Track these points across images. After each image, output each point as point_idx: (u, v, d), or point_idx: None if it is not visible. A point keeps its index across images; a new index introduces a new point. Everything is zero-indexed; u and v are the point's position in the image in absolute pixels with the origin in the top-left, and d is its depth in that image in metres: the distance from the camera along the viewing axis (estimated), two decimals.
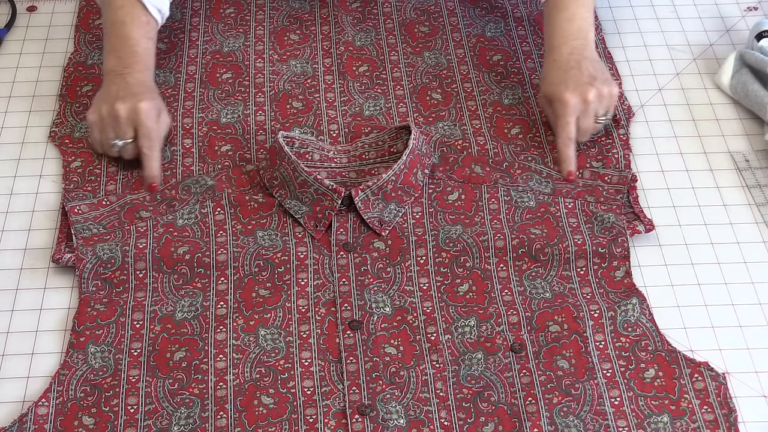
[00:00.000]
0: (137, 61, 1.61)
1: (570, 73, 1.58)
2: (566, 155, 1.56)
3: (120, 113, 1.54)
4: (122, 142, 1.55)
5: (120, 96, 1.56)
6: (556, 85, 1.58)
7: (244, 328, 1.39)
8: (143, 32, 1.62)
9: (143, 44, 1.62)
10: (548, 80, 1.61)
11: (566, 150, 1.56)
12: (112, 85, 1.58)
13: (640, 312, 1.39)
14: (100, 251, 1.45)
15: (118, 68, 1.60)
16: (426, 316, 1.40)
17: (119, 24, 1.61)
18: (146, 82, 1.60)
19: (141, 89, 1.57)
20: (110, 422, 1.30)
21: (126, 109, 1.55)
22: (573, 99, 1.56)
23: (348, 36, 1.80)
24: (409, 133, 1.54)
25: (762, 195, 1.55)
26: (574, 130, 1.57)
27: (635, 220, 1.50)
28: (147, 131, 1.55)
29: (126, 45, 1.61)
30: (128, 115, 1.55)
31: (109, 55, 1.62)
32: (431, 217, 1.50)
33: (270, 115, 1.66)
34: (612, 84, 1.59)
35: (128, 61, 1.60)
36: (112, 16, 1.62)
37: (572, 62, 1.59)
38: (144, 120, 1.54)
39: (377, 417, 1.30)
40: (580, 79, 1.57)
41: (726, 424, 1.29)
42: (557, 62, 1.60)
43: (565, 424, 1.29)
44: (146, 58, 1.62)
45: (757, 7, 1.87)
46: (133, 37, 1.61)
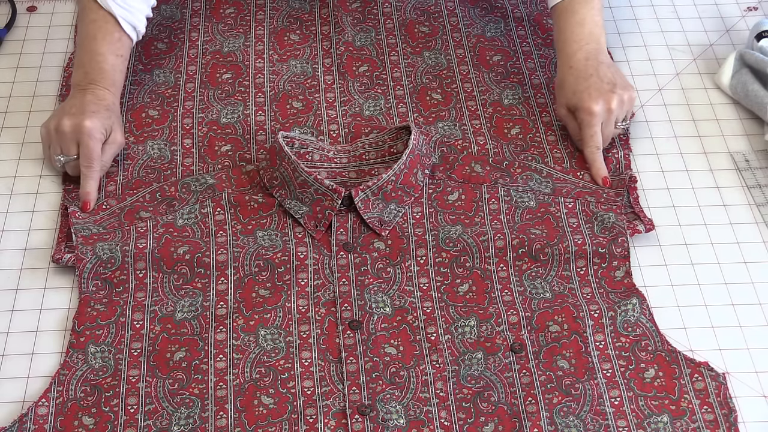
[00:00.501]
0: (102, 78, 1.59)
1: (590, 81, 1.58)
2: (598, 163, 1.56)
3: (65, 129, 1.53)
4: (65, 158, 1.54)
5: (71, 112, 1.55)
6: (579, 93, 1.57)
7: (244, 328, 1.39)
8: (113, 48, 1.61)
9: (111, 60, 1.60)
10: (568, 89, 1.59)
11: (596, 158, 1.56)
12: (72, 99, 1.58)
13: (640, 312, 1.39)
14: (100, 251, 1.45)
15: (83, 83, 1.59)
16: (426, 316, 1.40)
17: (90, 38, 1.60)
18: (104, 99, 1.58)
19: (94, 107, 1.56)
20: (110, 422, 1.30)
21: (71, 126, 1.53)
22: (597, 108, 1.55)
23: (348, 36, 1.80)
24: (409, 134, 1.54)
25: (762, 195, 1.55)
26: (600, 138, 1.57)
27: (635, 220, 1.50)
28: (87, 151, 1.53)
29: (93, 60, 1.60)
30: (72, 132, 1.53)
31: (76, 69, 1.61)
32: (431, 217, 1.50)
33: (270, 115, 1.66)
34: (631, 88, 1.59)
35: (93, 76, 1.59)
36: (84, 29, 1.61)
37: (590, 69, 1.59)
38: (86, 139, 1.53)
39: (377, 417, 1.30)
40: (601, 87, 1.57)
41: (726, 424, 1.29)
42: (574, 69, 1.60)
43: (565, 424, 1.29)
44: (113, 74, 1.60)
45: (757, 7, 1.87)
46: (101, 53, 1.60)
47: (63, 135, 1.53)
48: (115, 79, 1.61)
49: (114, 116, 1.58)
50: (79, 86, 1.59)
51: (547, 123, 1.64)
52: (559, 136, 1.62)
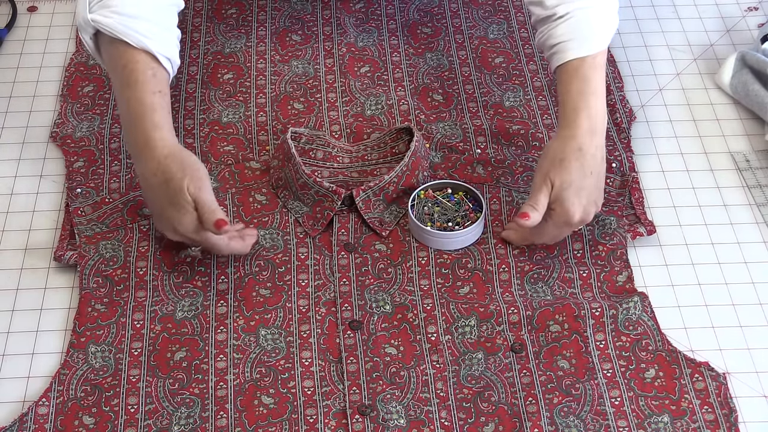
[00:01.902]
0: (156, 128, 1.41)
1: (587, 181, 1.42)
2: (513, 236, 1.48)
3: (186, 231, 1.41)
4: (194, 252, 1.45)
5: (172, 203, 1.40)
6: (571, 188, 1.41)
7: (244, 328, 1.39)
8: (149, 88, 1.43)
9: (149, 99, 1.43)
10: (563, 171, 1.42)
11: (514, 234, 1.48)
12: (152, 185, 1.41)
13: (642, 310, 1.39)
14: (103, 249, 1.46)
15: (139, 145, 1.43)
16: (426, 314, 1.40)
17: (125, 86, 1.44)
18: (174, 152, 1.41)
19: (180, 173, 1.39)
20: (110, 422, 1.30)
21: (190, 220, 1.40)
22: (578, 215, 1.42)
23: (350, 37, 1.80)
24: (410, 134, 1.54)
25: (762, 195, 1.55)
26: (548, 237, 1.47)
27: (636, 223, 1.50)
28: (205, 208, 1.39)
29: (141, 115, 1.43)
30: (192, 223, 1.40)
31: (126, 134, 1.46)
32: None
33: (271, 115, 1.67)
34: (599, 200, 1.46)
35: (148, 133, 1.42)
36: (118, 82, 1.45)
37: (594, 167, 1.43)
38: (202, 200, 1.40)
39: (377, 417, 1.30)
40: (591, 196, 1.43)
41: (726, 424, 1.29)
42: (581, 154, 1.42)
43: (565, 424, 1.29)
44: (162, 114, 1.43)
45: (757, 7, 1.87)
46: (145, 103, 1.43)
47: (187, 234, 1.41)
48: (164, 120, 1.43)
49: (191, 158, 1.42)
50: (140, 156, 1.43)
51: (548, 125, 1.64)
52: None
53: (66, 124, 1.66)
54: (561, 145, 1.43)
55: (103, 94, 1.70)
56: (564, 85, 1.46)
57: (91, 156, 1.61)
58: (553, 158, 1.42)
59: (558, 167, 1.41)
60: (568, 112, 1.44)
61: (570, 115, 1.44)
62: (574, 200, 1.41)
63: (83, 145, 1.62)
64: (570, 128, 1.43)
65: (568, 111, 1.44)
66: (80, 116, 1.67)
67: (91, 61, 1.76)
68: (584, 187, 1.41)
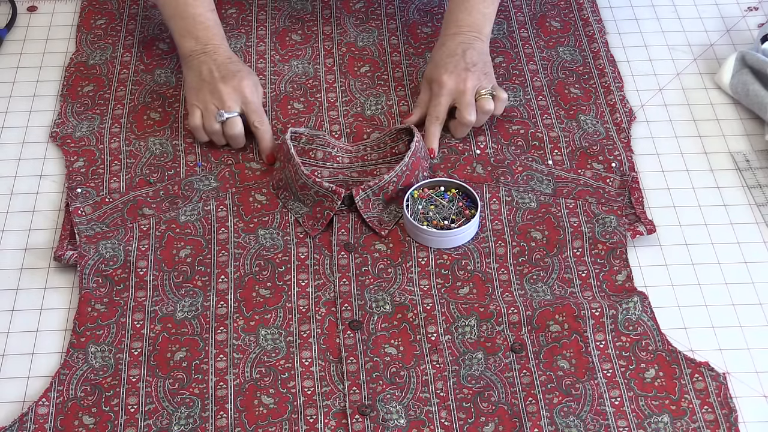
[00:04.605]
0: (213, 35, 1.64)
1: (453, 59, 1.61)
2: (430, 132, 1.59)
3: (224, 92, 1.57)
4: (228, 114, 1.57)
5: (218, 77, 1.59)
6: (438, 67, 1.62)
7: (244, 328, 1.39)
8: (206, 5, 1.65)
9: (212, 18, 1.65)
10: (432, 63, 1.64)
11: (430, 127, 1.59)
12: (203, 66, 1.61)
13: (642, 310, 1.39)
14: (103, 249, 1.46)
15: (199, 48, 1.62)
16: (426, 313, 1.40)
17: (182, 5, 1.64)
18: (232, 56, 1.64)
19: (235, 66, 1.61)
20: (110, 422, 1.30)
21: (230, 88, 1.58)
22: (448, 81, 1.58)
23: (350, 37, 1.80)
24: (410, 134, 1.54)
25: (762, 195, 1.55)
26: (444, 111, 1.59)
27: (636, 222, 1.50)
28: (254, 107, 1.59)
29: (197, 23, 1.63)
30: (233, 93, 1.58)
31: (183, 39, 1.64)
32: None
33: (271, 115, 1.67)
34: (492, 77, 1.62)
35: (206, 38, 1.63)
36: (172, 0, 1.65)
37: (458, 49, 1.62)
38: (250, 98, 1.58)
39: (377, 417, 1.30)
40: (459, 64, 1.60)
41: (726, 424, 1.29)
42: (444, 47, 1.64)
43: (565, 424, 1.29)
44: (219, 30, 1.66)
45: (757, 7, 1.87)
46: (200, 14, 1.64)
47: (224, 97, 1.58)
48: (222, 34, 1.67)
49: (251, 69, 1.65)
50: (197, 52, 1.63)
51: (548, 125, 1.64)
52: (560, 138, 1.62)
53: (66, 124, 1.66)
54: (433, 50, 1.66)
55: (103, 94, 1.70)
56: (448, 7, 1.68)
57: (91, 156, 1.61)
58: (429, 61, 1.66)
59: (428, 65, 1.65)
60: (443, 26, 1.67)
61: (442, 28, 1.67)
62: (441, 71, 1.60)
63: (83, 145, 1.62)
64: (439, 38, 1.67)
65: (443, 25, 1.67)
66: (80, 116, 1.67)
67: (91, 60, 1.76)
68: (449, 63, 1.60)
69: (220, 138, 1.59)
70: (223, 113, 1.57)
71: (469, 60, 1.60)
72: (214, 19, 1.65)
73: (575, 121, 1.65)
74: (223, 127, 1.58)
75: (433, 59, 1.64)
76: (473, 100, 1.58)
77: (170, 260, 1.46)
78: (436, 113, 1.59)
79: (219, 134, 1.59)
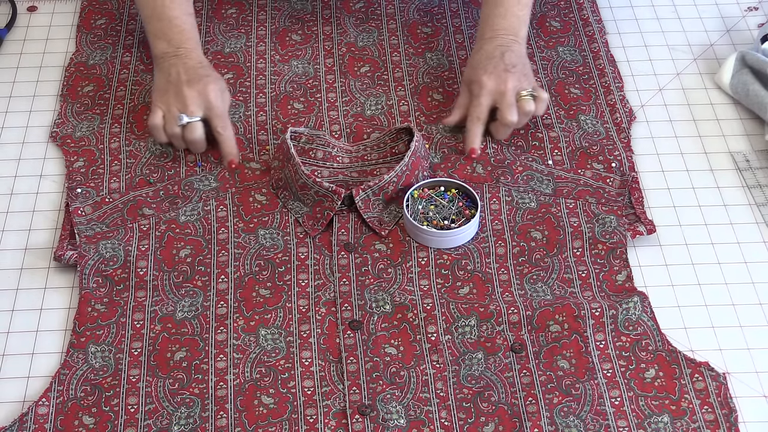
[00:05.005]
0: (187, 39, 1.63)
1: (492, 61, 1.61)
2: (471, 132, 1.59)
3: (188, 96, 1.56)
4: (188, 118, 1.56)
5: (184, 80, 1.58)
6: (477, 69, 1.61)
7: (244, 328, 1.39)
8: (184, 9, 1.64)
9: (188, 21, 1.64)
10: (470, 66, 1.64)
11: (472, 127, 1.59)
12: (172, 68, 1.60)
13: (642, 310, 1.39)
14: (103, 249, 1.46)
15: (171, 50, 1.62)
16: (426, 313, 1.40)
17: (160, 7, 1.63)
18: (203, 61, 1.62)
19: (203, 71, 1.60)
20: (110, 422, 1.30)
21: (195, 93, 1.56)
22: (489, 82, 1.58)
23: (350, 37, 1.80)
24: (410, 134, 1.54)
25: (762, 195, 1.55)
26: (485, 111, 1.59)
27: (636, 222, 1.50)
28: (218, 111, 1.57)
29: (172, 26, 1.63)
30: (197, 98, 1.56)
31: (157, 40, 1.64)
32: None
33: (271, 115, 1.67)
34: (531, 78, 1.61)
35: (179, 41, 1.62)
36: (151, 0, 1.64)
37: (497, 53, 1.61)
38: (215, 102, 1.57)
39: (377, 417, 1.30)
40: (498, 66, 1.60)
41: (726, 424, 1.29)
42: (482, 51, 1.63)
43: (565, 424, 1.29)
44: (194, 34, 1.65)
45: (757, 7, 1.87)
46: (176, 17, 1.63)
47: (188, 100, 1.56)
48: (197, 38, 1.65)
49: (219, 75, 1.63)
50: (168, 54, 1.62)
51: (549, 125, 1.64)
52: (560, 138, 1.62)
53: (66, 123, 1.66)
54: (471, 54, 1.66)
55: (103, 94, 1.70)
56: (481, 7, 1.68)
57: (91, 156, 1.61)
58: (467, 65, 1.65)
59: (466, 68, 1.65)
60: (478, 31, 1.67)
61: (478, 33, 1.67)
62: (480, 72, 1.60)
63: (83, 145, 1.62)
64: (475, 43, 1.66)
65: (479, 30, 1.67)
66: (80, 116, 1.67)
67: (91, 60, 1.76)
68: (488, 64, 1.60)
69: (180, 142, 1.58)
70: (184, 117, 1.56)
71: (508, 61, 1.60)
72: (190, 23, 1.65)
73: (575, 121, 1.65)
74: (183, 131, 1.57)
75: (471, 63, 1.63)
76: (514, 100, 1.58)
77: (170, 260, 1.46)
78: (477, 113, 1.59)
79: (178, 138, 1.58)
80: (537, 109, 1.59)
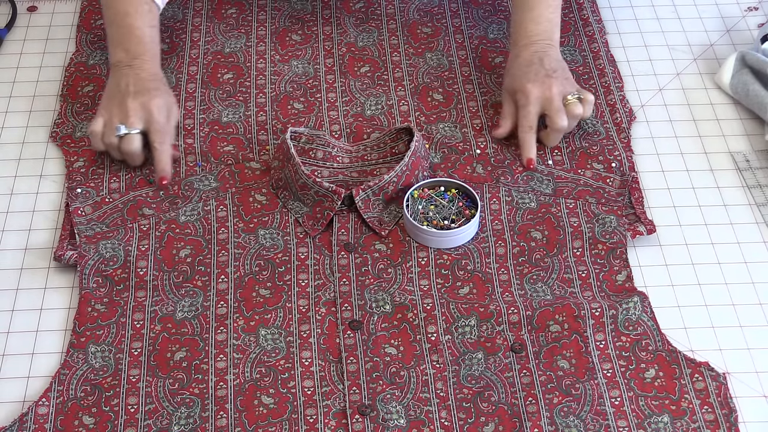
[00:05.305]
0: (145, 51, 1.61)
1: (532, 67, 1.60)
2: (526, 143, 1.58)
3: (131, 108, 1.55)
4: (126, 130, 1.54)
5: (132, 91, 1.56)
6: (518, 78, 1.60)
7: (244, 328, 1.39)
8: (147, 21, 1.63)
9: (148, 33, 1.63)
10: (510, 74, 1.63)
11: (526, 138, 1.58)
12: (123, 78, 1.59)
13: (642, 310, 1.39)
14: (103, 249, 1.46)
15: (126, 60, 1.60)
16: (426, 313, 1.40)
17: (122, 15, 1.62)
18: (157, 74, 1.61)
19: (153, 84, 1.58)
20: (110, 422, 1.30)
21: (138, 105, 1.55)
22: (534, 89, 1.57)
23: (350, 37, 1.80)
24: (410, 134, 1.54)
25: (762, 195, 1.55)
26: (535, 119, 1.58)
27: (636, 222, 1.50)
28: (159, 126, 1.55)
29: (132, 36, 1.61)
30: (140, 111, 1.55)
31: (115, 48, 1.62)
32: None
33: (271, 115, 1.67)
34: (573, 81, 1.61)
35: (136, 51, 1.61)
36: (114, 7, 1.63)
37: (535, 59, 1.61)
38: (156, 117, 1.55)
39: (377, 417, 1.30)
40: (540, 72, 1.59)
41: (726, 424, 1.29)
42: (520, 58, 1.63)
43: (565, 424, 1.29)
44: (153, 47, 1.63)
45: (757, 7, 1.87)
46: (138, 27, 1.61)
47: (130, 112, 1.54)
48: (155, 52, 1.64)
49: (170, 90, 1.61)
50: (122, 63, 1.60)
51: None
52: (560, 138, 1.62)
53: (66, 123, 1.66)
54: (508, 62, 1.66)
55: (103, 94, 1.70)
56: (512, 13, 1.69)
57: (91, 156, 1.61)
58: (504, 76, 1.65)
59: (505, 77, 1.65)
60: (512, 37, 1.67)
61: (512, 39, 1.67)
62: (523, 81, 1.59)
63: (83, 145, 1.62)
64: (511, 50, 1.66)
65: (512, 36, 1.67)
66: (80, 116, 1.67)
67: (91, 60, 1.76)
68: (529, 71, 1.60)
69: (116, 152, 1.57)
70: (122, 127, 1.54)
71: (548, 67, 1.60)
72: (150, 35, 1.63)
73: None
74: (120, 142, 1.55)
75: (510, 71, 1.63)
76: (562, 105, 1.57)
77: (170, 260, 1.46)
78: (528, 123, 1.58)
79: (114, 148, 1.56)
80: (585, 112, 1.59)
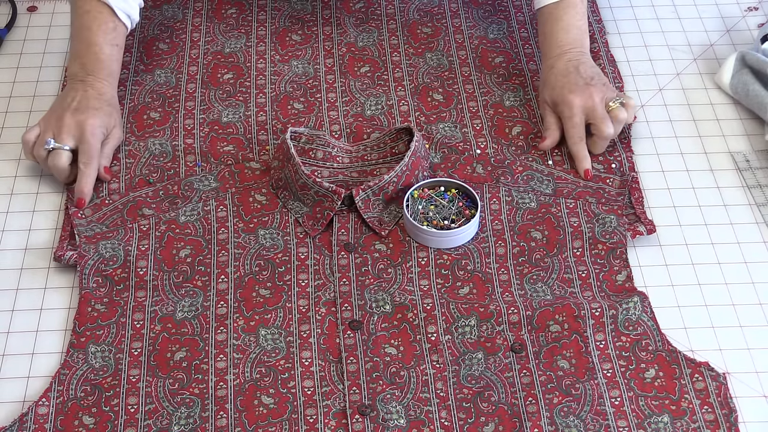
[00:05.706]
0: (100, 69, 1.60)
1: (569, 77, 1.60)
2: (580, 154, 1.57)
3: (68, 123, 1.54)
4: (54, 145, 1.53)
5: (73, 107, 1.56)
6: (558, 89, 1.59)
7: (244, 328, 1.39)
8: (108, 38, 1.61)
9: (107, 51, 1.61)
10: (549, 86, 1.62)
11: (578, 150, 1.57)
12: (71, 92, 1.58)
13: (642, 310, 1.39)
14: (103, 249, 1.46)
15: (80, 75, 1.60)
16: (426, 313, 1.40)
17: (84, 29, 1.61)
18: (104, 93, 1.59)
19: (97, 103, 1.57)
20: (110, 422, 1.30)
21: (74, 122, 1.54)
22: (577, 100, 1.57)
23: (350, 37, 1.80)
24: (410, 134, 1.54)
25: (762, 195, 1.55)
26: (583, 130, 1.57)
27: (636, 222, 1.50)
28: (88, 148, 1.53)
29: (90, 51, 1.60)
30: (75, 127, 1.54)
31: (72, 60, 1.62)
32: None
33: (271, 115, 1.67)
34: (612, 86, 1.61)
35: (91, 67, 1.60)
36: (78, 20, 1.62)
37: (570, 67, 1.61)
38: (89, 137, 1.53)
39: (377, 417, 1.30)
40: (578, 82, 1.59)
41: (726, 424, 1.29)
42: (555, 69, 1.62)
43: (565, 424, 1.29)
44: (110, 64, 1.61)
45: (757, 7, 1.87)
46: (97, 44, 1.60)
47: (63, 128, 1.53)
48: (112, 70, 1.62)
49: (114, 111, 1.59)
50: (76, 78, 1.60)
51: None
52: None
53: None
54: (541, 77, 1.66)
55: None
56: (540, 24, 1.68)
57: None
58: (540, 88, 1.65)
59: (542, 89, 1.65)
60: (544, 48, 1.67)
61: (544, 50, 1.66)
62: (564, 92, 1.59)
63: None
64: (544, 61, 1.66)
65: (544, 47, 1.67)
66: None
67: None
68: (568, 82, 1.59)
69: (44, 165, 1.55)
70: (51, 141, 1.53)
71: (585, 75, 1.60)
72: (109, 53, 1.61)
73: None
74: (48, 156, 1.54)
75: (547, 83, 1.63)
76: (606, 112, 1.57)
77: (170, 260, 1.46)
78: (578, 134, 1.57)
79: (42, 160, 1.55)
80: (628, 116, 1.58)
